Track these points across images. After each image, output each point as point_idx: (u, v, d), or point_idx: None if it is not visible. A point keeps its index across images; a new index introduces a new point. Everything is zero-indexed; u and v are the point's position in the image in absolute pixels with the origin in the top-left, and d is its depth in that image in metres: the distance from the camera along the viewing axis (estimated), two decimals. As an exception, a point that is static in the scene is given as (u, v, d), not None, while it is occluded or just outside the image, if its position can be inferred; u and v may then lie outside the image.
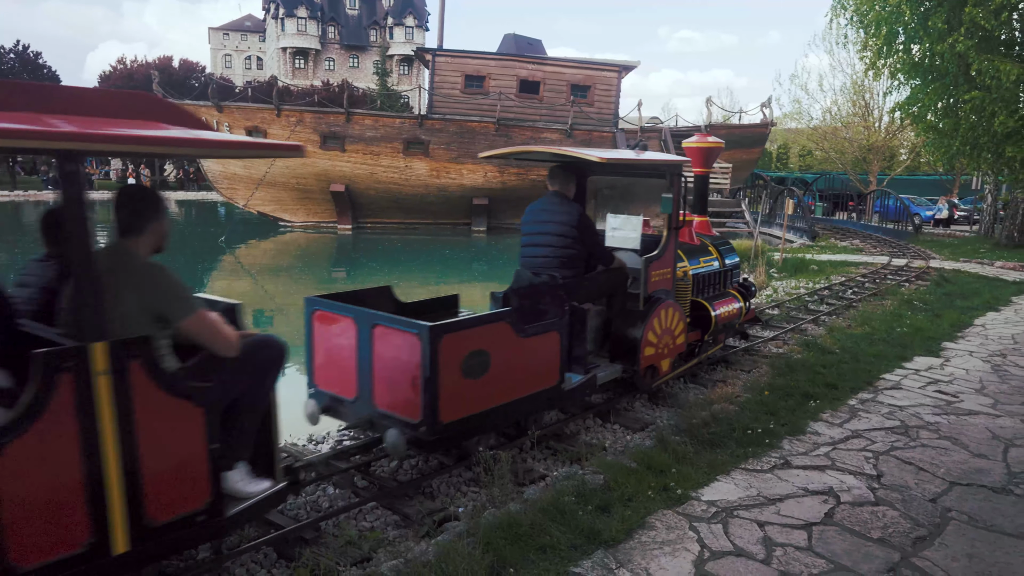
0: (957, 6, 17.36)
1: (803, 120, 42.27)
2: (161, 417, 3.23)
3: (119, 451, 3.10)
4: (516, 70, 30.34)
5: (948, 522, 4.41)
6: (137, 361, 3.12)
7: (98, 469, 3.04)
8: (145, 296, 3.32)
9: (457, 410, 4.75)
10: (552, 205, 6.20)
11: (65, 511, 2.98)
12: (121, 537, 3.15)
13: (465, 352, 4.75)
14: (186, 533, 3.40)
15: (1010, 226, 22.43)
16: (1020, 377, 7.71)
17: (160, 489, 3.26)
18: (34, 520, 2.88)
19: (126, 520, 3.16)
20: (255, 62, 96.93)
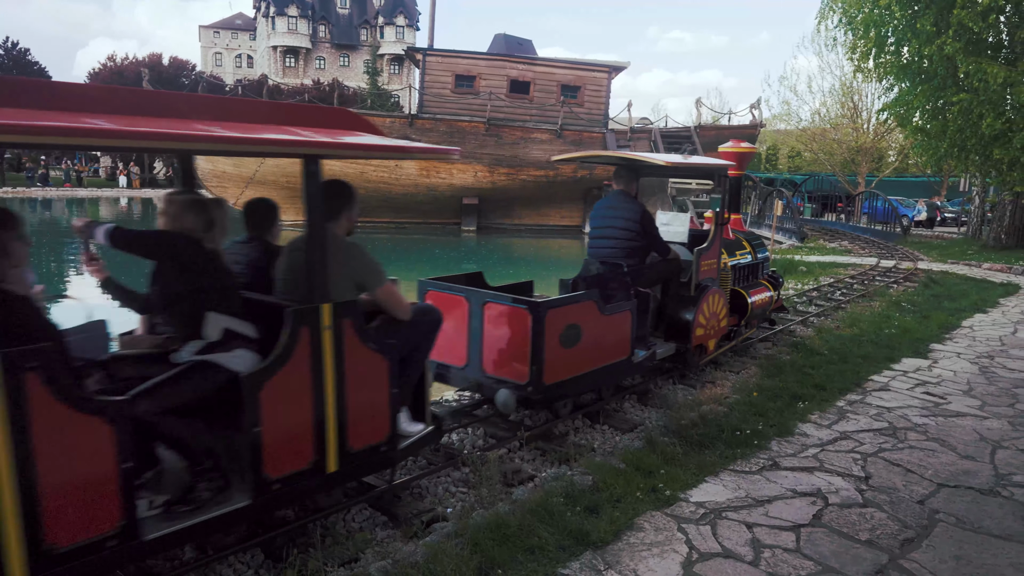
0: (945, 9, 17.46)
1: (792, 121, 42.54)
2: (362, 365, 4.05)
3: (335, 390, 3.94)
4: (506, 70, 30.35)
5: (936, 524, 4.42)
6: (348, 319, 3.95)
7: (321, 403, 3.88)
8: (349, 269, 4.14)
9: (556, 374, 5.69)
10: (618, 202, 6.99)
11: (300, 435, 3.84)
12: (333, 458, 3.99)
13: (563, 326, 5.69)
14: (372, 459, 4.26)
15: (997, 228, 22.56)
16: (1007, 379, 7.75)
17: (358, 422, 4.09)
18: (282, 441, 3.75)
19: (336, 445, 3.99)
20: (245, 60, 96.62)
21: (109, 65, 63.91)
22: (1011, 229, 22.01)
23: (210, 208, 4.08)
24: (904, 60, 19.20)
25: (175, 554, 4.16)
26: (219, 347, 3.80)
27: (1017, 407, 6.79)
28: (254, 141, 3.55)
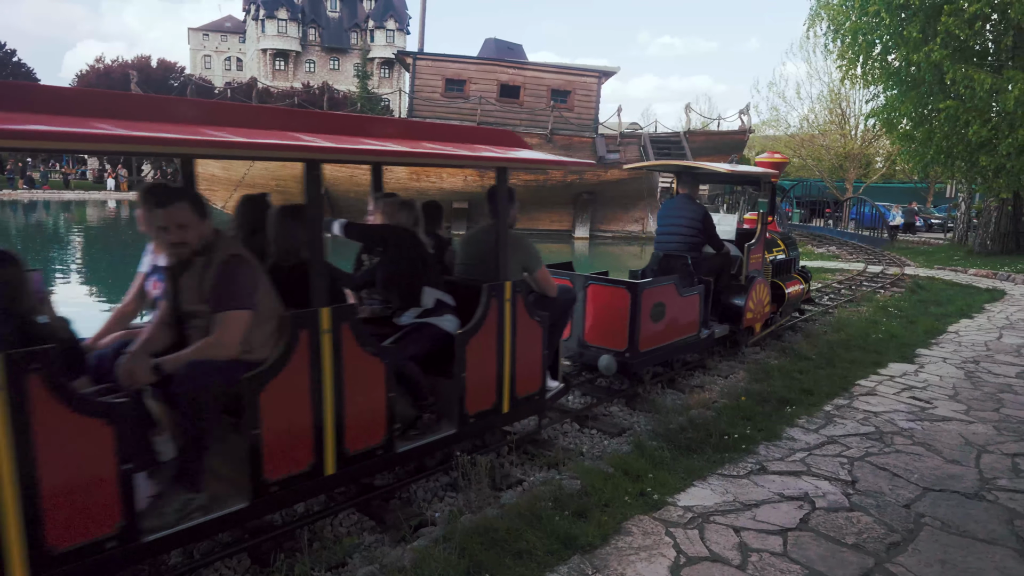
0: (932, 16, 17.60)
1: (780, 127, 42.64)
2: (526, 330, 5.23)
3: (511, 349, 5.13)
4: (496, 74, 30.40)
5: (921, 528, 4.45)
6: (519, 294, 5.11)
7: (501, 359, 5.10)
8: (518, 255, 5.27)
9: (646, 344, 7.08)
10: (683, 204, 8.27)
11: (487, 384, 5.08)
12: (506, 402, 5.23)
13: (652, 303, 7.04)
14: (530, 406, 5.48)
15: (983, 234, 22.72)
16: (993, 384, 7.81)
17: (523, 375, 5.27)
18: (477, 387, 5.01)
19: (509, 392, 5.23)
20: (235, 63, 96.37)
21: (97, 67, 63.58)
22: (996, 235, 22.18)
23: (415, 207, 5.30)
24: (891, 67, 19.34)
25: (162, 559, 4.14)
26: (432, 313, 4.96)
27: (1002, 412, 6.84)
28: (471, 158, 4.55)
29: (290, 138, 3.55)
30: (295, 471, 3.91)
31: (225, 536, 4.23)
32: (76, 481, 3.06)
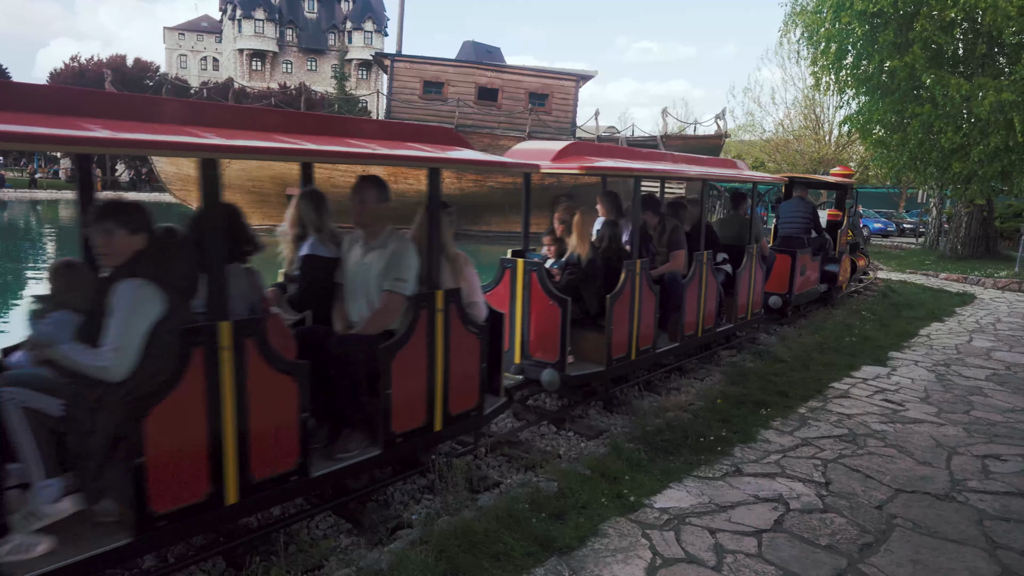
0: (905, 23, 17.83)
1: (756, 132, 43.04)
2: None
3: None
4: (475, 77, 30.40)
5: (893, 529, 4.51)
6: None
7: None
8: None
9: (799, 289, 11.27)
10: (798, 203, 12.04)
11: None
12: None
13: (802, 265, 11.18)
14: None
15: (954, 239, 23.04)
16: (963, 386, 7.92)
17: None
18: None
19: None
20: (211, 63, 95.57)
21: (72, 66, 62.79)
22: (967, 240, 22.50)
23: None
24: (864, 74, 19.56)
25: (134, 563, 4.10)
26: None
27: (972, 414, 6.95)
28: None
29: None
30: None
31: (199, 539, 4.19)
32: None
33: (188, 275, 3.65)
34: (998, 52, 19.09)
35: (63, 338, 3.48)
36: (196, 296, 3.68)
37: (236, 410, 3.66)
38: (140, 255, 3.54)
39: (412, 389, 4.66)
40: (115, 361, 3.37)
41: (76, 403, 3.38)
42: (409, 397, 4.64)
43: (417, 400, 4.71)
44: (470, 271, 5.22)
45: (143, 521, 3.40)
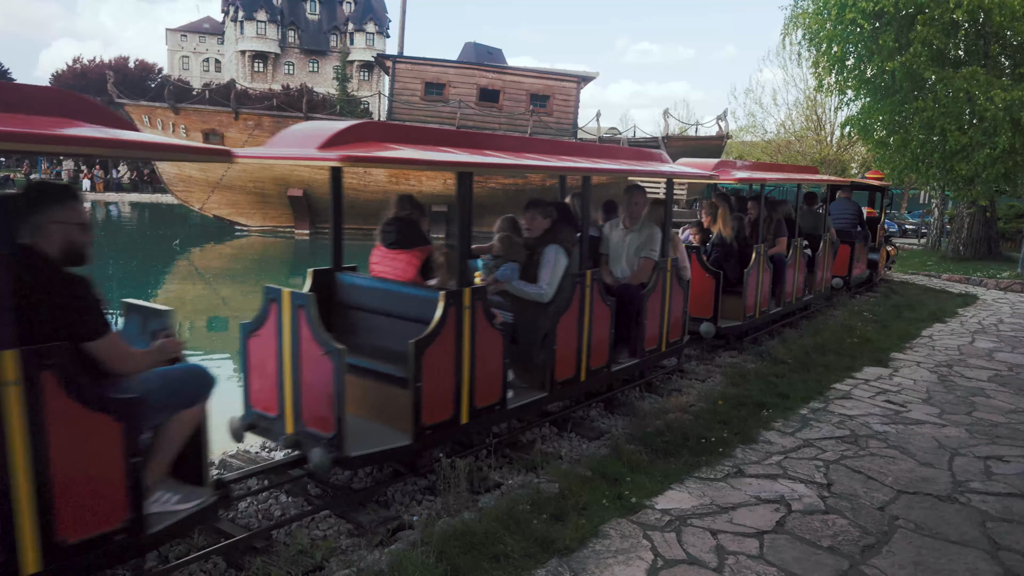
0: (906, 24, 17.81)
1: (758, 133, 42.95)
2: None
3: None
4: (476, 78, 30.42)
5: (895, 530, 4.50)
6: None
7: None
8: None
9: (855, 272, 13.62)
10: (846, 202, 14.30)
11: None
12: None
13: (848, 253, 13.23)
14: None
15: (956, 240, 23.00)
16: (965, 387, 7.91)
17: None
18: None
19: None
20: (213, 64, 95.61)
21: (75, 67, 62.89)
22: (969, 241, 22.46)
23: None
24: (867, 75, 19.53)
25: (136, 563, 4.09)
26: None
27: (974, 415, 6.93)
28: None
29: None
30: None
31: (200, 540, 4.19)
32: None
33: (575, 241, 6.13)
34: (1001, 52, 19.05)
35: (515, 278, 5.85)
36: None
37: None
38: (549, 230, 6.05)
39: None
40: (548, 292, 5.81)
41: (522, 314, 5.90)
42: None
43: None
44: (680, 245, 7.82)
45: (552, 384, 5.85)
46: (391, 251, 5.64)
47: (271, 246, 27.56)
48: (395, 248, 5.62)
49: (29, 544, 2.98)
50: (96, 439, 3.15)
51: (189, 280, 20.50)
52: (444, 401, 4.91)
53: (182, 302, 16.16)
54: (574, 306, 5.97)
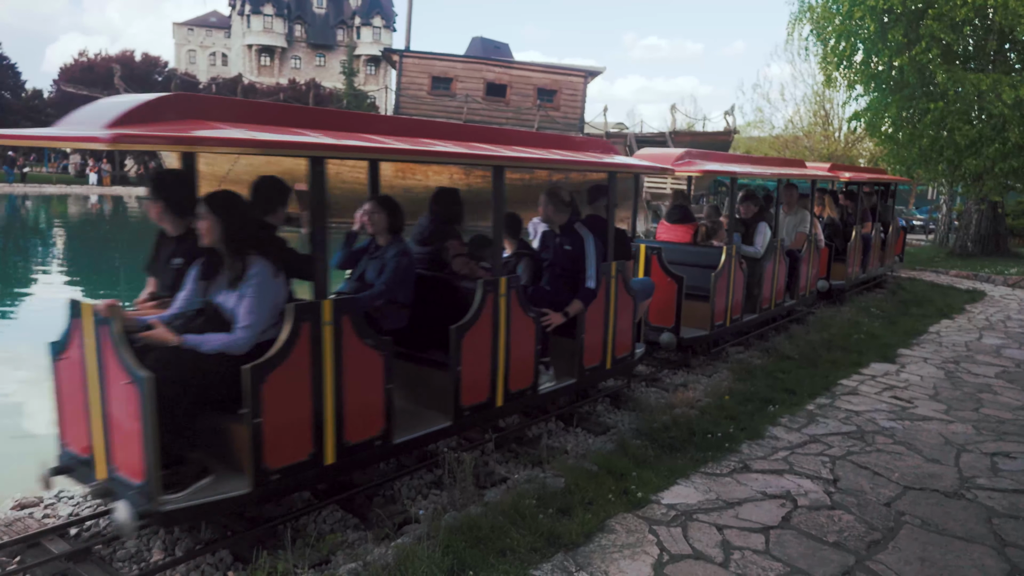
0: (914, 20, 17.72)
1: (765, 129, 42.78)
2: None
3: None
4: (483, 73, 30.38)
5: (902, 526, 4.49)
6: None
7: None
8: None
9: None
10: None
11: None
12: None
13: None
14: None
15: (964, 236, 22.90)
16: (973, 384, 7.89)
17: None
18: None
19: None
20: (220, 59, 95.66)
21: (81, 61, 62.95)
22: (977, 237, 22.37)
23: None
24: (875, 70, 19.44)
25: (142, 556, 4.12)
26: None
27: (981, 411, 6.92)
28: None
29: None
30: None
31: (207, 533, 4.21)
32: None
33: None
34: (1009, 49, 18.94)
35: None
36: None
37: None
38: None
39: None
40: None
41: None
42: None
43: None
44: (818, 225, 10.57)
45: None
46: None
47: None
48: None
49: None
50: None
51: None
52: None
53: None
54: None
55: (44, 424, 7.42)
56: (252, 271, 4.01)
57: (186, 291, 4.21)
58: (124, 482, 3.65)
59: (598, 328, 6.20)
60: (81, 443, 3.97)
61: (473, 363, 5.00)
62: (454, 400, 4.91)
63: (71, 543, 4.11)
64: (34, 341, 11.38)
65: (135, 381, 3.48)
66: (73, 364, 3.93)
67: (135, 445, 3.54)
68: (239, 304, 3.96)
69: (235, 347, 3.87)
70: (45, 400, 4.14)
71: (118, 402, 3.63)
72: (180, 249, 4.50)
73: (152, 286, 4.68)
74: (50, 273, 19.46)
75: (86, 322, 3.77)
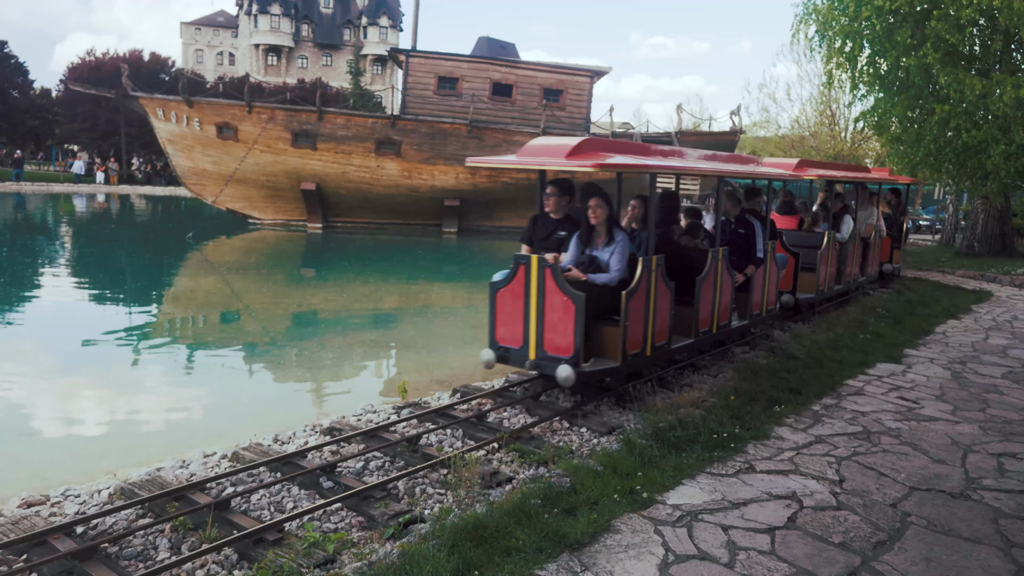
0: (921, 21, 17.66)
1: (771, 129, 42.68)
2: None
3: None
4: (489, 72, 30.34)
5: (908, 527, 4.48)
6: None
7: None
8: None
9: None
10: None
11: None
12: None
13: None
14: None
15: (970, 236, 22.82)
16: (979, 384, 7.86)
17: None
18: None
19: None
20: (227, 58, 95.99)
21: (89, 60, 63.14)
22: (983, 237, 22.28)
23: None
24: (881, 71, 19.38)
25: (148, 554, 4.14)
26: None
27: (988, 412, 6.90)
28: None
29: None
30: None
31: (213, 532, 4.23)
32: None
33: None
34: (1015, 49, 18.85)
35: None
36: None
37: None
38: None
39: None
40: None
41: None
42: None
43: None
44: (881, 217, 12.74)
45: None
46: None
47: (284, 239, 27.58)
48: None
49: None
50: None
51: (203, 272, 20.56)
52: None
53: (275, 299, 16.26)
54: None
55: (45, 424, 7.43)
56: (618, 238, 6.80)
57: (571, 250, 7.00)
58: (554, 358, 6.34)
59: (760, 288, 9.10)
60: (515, 340, 6.65)
61: (706, 301, 7.82)
62: (695, 325, 7.67)
63: (77, 541, 4.15)
64: (34, 341, 11.43)
65: (573, 299, 6.23)
66: (515, 293, 6.59)
67: (568, 336, 6.28)
68: (611, 257, 6.75)
69: (611, 282, 6.65)
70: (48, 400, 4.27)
71: (555, 312, 6.34)
72: (563, 226, 7.25)
73: (526, 251, 7.17)
74: (59, 275, 19.52)
75: (532, 267, 6.43)
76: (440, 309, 15.40)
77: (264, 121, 28.01)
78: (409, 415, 6.58)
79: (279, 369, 10.33)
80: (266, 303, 15.47)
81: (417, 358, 10.90)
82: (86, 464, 6.29)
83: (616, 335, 6.51)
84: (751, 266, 8.71)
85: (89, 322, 13.20)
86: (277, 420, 7.16)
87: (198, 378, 9.87)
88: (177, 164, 30.07)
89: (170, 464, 5.76)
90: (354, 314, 14.57)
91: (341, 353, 11.01)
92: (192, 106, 28.05)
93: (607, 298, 6.53)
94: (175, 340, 11.98)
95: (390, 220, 30.76)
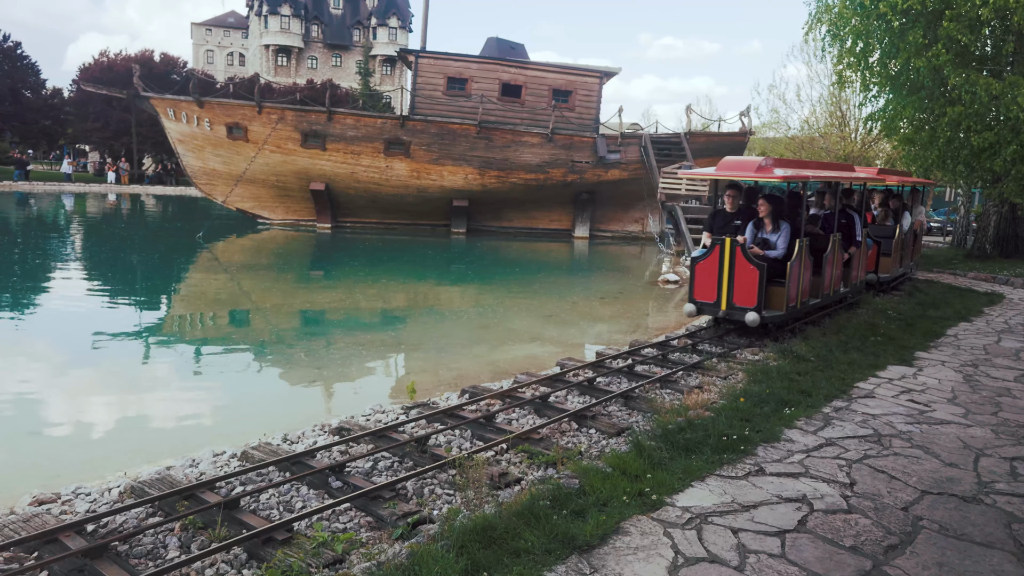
0: (933, 21, 17.58)
1: (781, 130, 42.54)
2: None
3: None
4: (498, 73, 30.35)
5: (919, 531, 4.45)
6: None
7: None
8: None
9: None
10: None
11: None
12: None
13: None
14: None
15: (982, 238, 22.71)
16: (991, 387, 7.81)
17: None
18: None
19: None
20: (237, 58, 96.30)
21: (101, 61, 63.47)
22: (995, 239, 22.16)
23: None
24: (892, 71, 19.29)
25: (158, 553, 4.15)
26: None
27: (1000, 415, 6.85)
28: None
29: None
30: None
31: (223, 531, 4.23)
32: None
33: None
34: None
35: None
36: None
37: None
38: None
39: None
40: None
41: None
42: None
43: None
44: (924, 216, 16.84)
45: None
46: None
47: (293, 239, 27.64)
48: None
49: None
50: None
51: (213, 271, 20.62)
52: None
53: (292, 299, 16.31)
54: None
55: (56, 422, 7.46)
56: (783, 226, 9.57)
57: (748, 235, 9.66)
58: (742, 308, 9.23)
59: (857, 265, 11.74)
60: (710, 296, 9.54)
61: (828, 272, 10.43)
62: (821, 288, 10.33)
63: (88, 539, 4.16)
64: (45, 339, 11.49)
65: (758, 267, 9.14)
66: (711, 263, 9.50)
67: (753, 292, 9.17)
68: (778, 239, 9.53)
69: (779, 256, 9.38)
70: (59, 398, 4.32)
71: (743, 276, 9.23)
72: (738, 216, 10.00)
73: (707, 237, 9.87)
74: (70, 276, 19.60)
75: (726, 246, 9.29)
76: (449, 309, 15.39)
77: (274, 121, 28.09)
78: (418, 415, 6.58)
79: (288, 368, 10.35)
80: (275, 303, 15.51)
81: (426, 358, 10.91)
82: (97, 462, 6.32)
83: (782, 293, 9.31)
84: (853, 247, 11.48)
85: (100, 321, 13.26)
86: (286, 419, 7.19)
87: (208, 377, 9.91)
88: (188, 164, 30.21)
89: (180, 463, 5.78)
90: (363, 314, 14.59)
91: (350, 353, 11.03)
92: (203, 106, 28.16)
93: (775, 267, 9.32)
94: (185, 339, 12.03)
95: (399, 220, 30.82)
